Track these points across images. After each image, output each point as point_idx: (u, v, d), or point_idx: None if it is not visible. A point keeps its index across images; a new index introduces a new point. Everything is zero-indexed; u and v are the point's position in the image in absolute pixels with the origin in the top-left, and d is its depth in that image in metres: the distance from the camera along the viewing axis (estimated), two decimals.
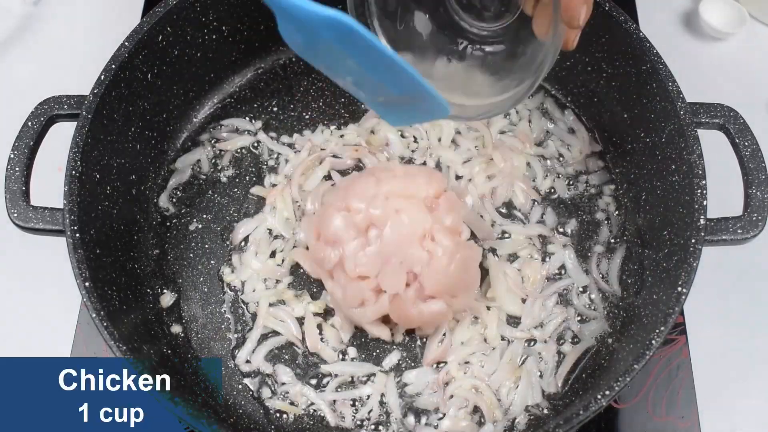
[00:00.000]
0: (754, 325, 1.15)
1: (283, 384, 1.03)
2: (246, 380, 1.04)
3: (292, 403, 1.02)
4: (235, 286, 1.09)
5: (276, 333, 1.06)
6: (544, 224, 1.13)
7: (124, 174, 1.08)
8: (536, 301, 1.07)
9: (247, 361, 1.04)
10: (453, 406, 1.01)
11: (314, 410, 1.01)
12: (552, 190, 1.16)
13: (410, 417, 1.01)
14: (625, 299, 1.08)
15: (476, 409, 1.01)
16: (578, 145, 1.19)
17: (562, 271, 1.10)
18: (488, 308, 1.06)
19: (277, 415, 1.01)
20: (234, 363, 1.04)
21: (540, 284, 1.08)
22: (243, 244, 1.12)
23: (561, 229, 1.13)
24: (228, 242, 1.12)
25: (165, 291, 1.09)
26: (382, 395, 1.02)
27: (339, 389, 1.02)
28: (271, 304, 1.07)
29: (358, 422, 1.00)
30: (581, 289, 1.09)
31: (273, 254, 1.11)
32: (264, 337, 1.05)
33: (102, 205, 1.02)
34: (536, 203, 1.15)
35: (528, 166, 1.17)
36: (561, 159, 1.18)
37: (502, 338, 1.05)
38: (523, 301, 1.07)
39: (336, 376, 1.03)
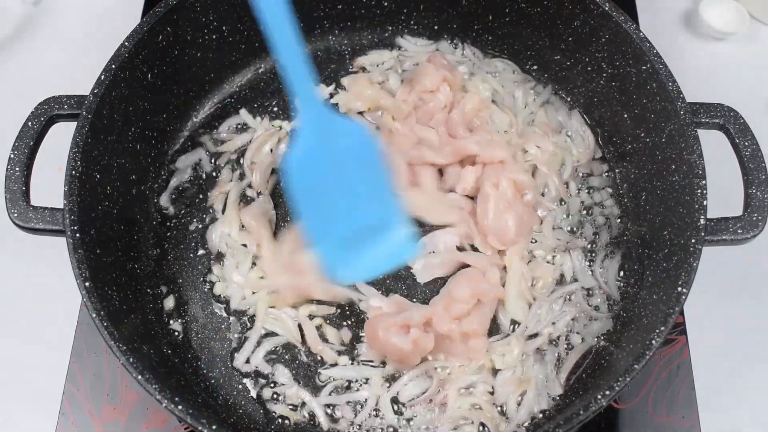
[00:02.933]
0: (754, 325, 1.15)
1: (280, 385, 1.03)
2: (246, 380, 1.03)
3: (291, 407, 1.01)
4: (226, 297, 1.08)
5: (276, 333, 1.06)
6: (561, 228, 1.12)
7: (124, 174, 1.08)
8: (544, 304, 1.06)
9: (247, 362, 1.04)
10: (452, 423, 0.99)
11: (311, 413, 1.01)
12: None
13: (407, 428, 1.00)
14: (625, 299, 1.07)
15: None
16: (584, 148, 1.18)
17: (567, 274, 1.09)
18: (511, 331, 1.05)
19: (277, 418, 1.01)
20: (234, 363, 1.04)
21: (550, 288, 1.08)
22: (220, 251, 1.11)
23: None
24: (206, 249, 1.12)
25: (165, 292, 1.09)
26: (379, 399, 1.01)
27: (335, 392, 1.02)
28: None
29: (355, 428, 1.00)
30: (585, 291, 1.08)
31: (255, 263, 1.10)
32: (264, 338, 1.05)
33: (102, 205, 1.02)
34: (562, 203, 1.14)
35: (563, 165, 1.16)
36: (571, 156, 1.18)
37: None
38: (529, 306, 1.06)
39: (333, 378, 1.03)
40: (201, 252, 1.12)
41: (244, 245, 1.10)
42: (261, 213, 1.11)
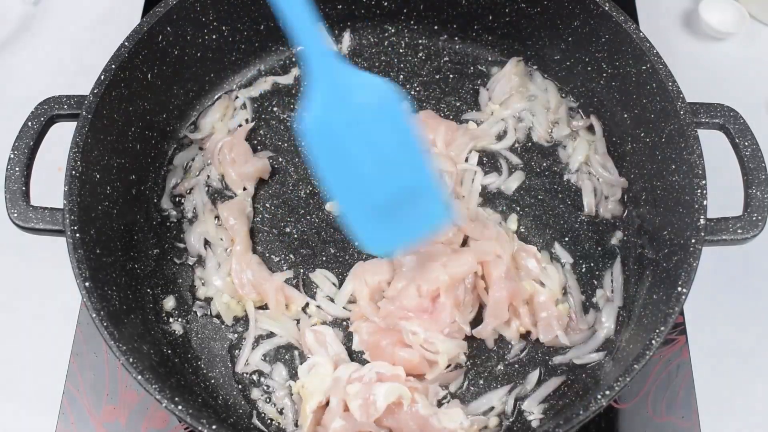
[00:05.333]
0: (753, 325, 1.15)
1: (273, 386, 1.03)
2: (246, 380, 1.03)
3: (278, 410, 1.01)
4: (207, 298, 1.08)
5: (275, 334, 1.05)
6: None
7: (124, 174, 1.08)
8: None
9: (247, 362, 1.04)
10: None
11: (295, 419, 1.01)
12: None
13: None
14: (625, 299, 1.07)
15: None
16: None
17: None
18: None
19: (267, 419, 1.01)
20: (234, 363, 1.04)
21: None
22: (202, 255, 1.11)
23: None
24: (186, 256, 1.12)
25: (165, 292, 1.09)
26: None
27: None
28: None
29: None
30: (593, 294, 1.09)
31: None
32: (263, 338, 1.05)
33: (102, 205, 1.02)
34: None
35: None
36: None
37: None
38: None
39: None
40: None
41: (221, 239, 1.10)
42: (239, 209, 1.11)
